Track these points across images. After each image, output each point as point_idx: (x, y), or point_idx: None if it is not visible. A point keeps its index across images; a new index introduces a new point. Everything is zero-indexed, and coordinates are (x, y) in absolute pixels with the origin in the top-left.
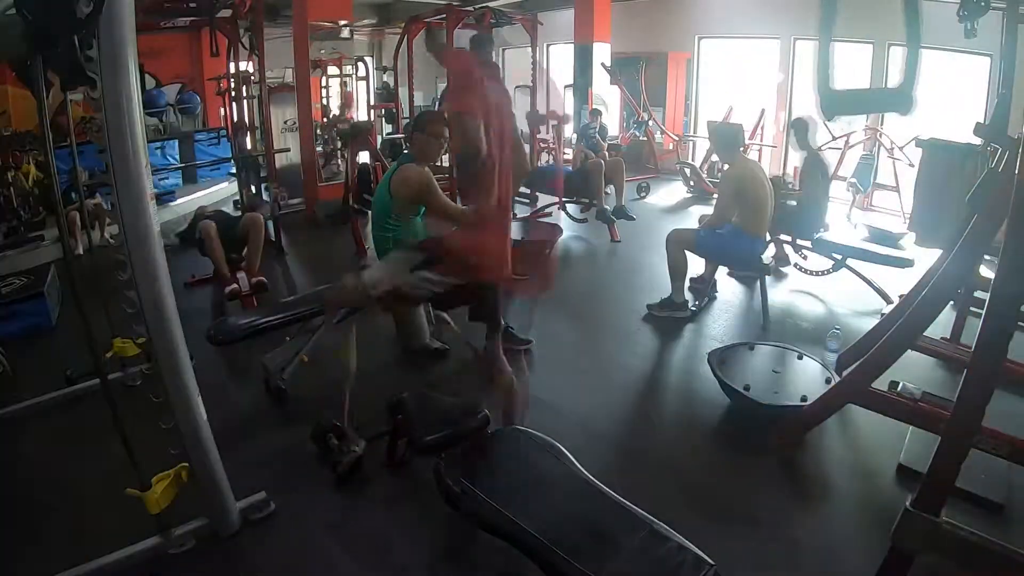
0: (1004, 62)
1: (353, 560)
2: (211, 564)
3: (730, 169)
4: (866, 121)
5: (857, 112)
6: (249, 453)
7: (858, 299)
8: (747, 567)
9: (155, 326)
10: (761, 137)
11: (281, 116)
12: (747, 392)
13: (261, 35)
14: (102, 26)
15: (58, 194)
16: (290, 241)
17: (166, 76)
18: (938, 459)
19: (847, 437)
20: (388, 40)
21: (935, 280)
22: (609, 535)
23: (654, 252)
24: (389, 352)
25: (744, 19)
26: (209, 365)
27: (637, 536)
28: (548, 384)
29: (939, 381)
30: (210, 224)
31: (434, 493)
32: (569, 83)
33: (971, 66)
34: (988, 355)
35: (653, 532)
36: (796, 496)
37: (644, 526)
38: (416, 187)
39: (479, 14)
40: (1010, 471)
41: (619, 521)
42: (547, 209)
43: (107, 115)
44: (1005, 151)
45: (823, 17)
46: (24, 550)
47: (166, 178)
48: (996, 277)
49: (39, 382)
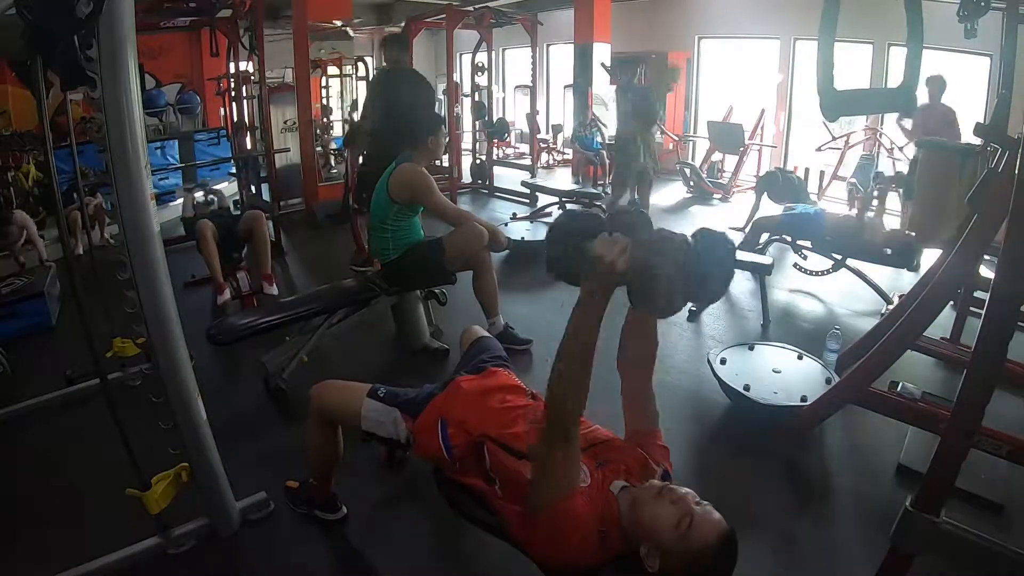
0: (1004, 62)
1: (353, 560)
2: (211, 564)
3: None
4: (866, 121)
5: (858, 112)
6: (249, 453)
7: (858, 299)
8: (746, 567)
9: (155, 326)
10: (761, 137)
11: (281, 116)
12: (747, 392)
13: (261, 35)
14: (102, 26)
15: (58, 194)
16: (290, 241)
17: (166, 76)
18: (938, 459)
19: (847, 437)
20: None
21: (935, 280)
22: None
23: None
24: (389, 352)
25: (744, 19)
26: (209, 365)
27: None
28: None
29: (939, 381)
30: (207, 224)
31: (434, 492)
32: (569, 83)
33: (971, 66)
34: (988, 355)
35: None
36: (796, 496)
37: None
38: (413, 186)
39: (479, 14)
40: (1010, 471)
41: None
42: (547, 209)
43: (107, 115)
44: (1005, 151)
45: (824, 17)
46: (24, 550)
47: (166, 178)
48: (996, 277)
49: (39, 382)
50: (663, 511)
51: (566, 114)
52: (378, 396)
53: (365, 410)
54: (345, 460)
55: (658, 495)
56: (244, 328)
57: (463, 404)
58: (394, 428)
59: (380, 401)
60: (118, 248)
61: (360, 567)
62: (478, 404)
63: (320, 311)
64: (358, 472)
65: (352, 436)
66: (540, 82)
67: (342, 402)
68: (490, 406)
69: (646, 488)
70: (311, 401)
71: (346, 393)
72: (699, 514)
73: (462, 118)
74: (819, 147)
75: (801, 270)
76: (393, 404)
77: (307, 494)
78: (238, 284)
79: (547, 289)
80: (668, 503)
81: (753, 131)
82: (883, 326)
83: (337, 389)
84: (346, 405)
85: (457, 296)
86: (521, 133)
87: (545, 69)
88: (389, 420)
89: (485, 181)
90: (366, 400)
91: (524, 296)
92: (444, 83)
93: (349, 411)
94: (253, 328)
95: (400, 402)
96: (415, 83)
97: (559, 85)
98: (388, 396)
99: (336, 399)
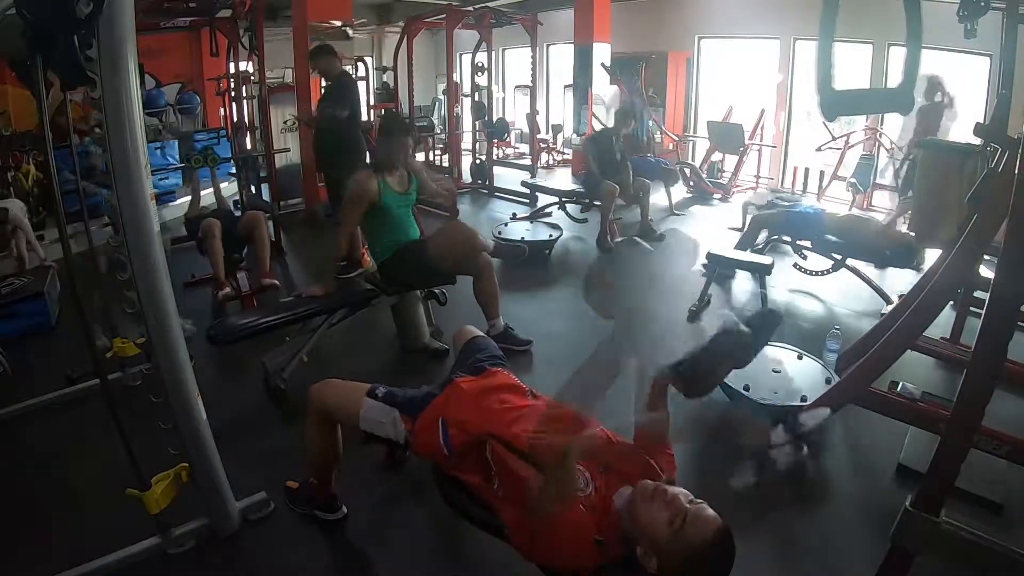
0: (1004, 62)
1: (353, 560)
2: (211, 564)
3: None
4: (866, 121)
5: (858, 112)
6: (249, 453)
7: (858, 299)
8: (746, 567)
9: (155, 326)
10: (761, 137)
11: (281, 116)
12: (747, 392)
13: (261, 35)
14: (102, 26)
15: (58, 194)
16: (290, 241)
17: (166, 76)
18: (938, 459)
19: (847, 437)
20: (388, 40)
21: (935, 280)
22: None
23: (653, 252)
24: (389, 352)
25: (744, 19)
26: (209, 365)
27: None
28: (548, 384)
29: (939, 381)
30: (214, 222)
31: (434, 492)
32: (569, 83)
33: (971, 66)
34: (988, 355)
35: None
36: (796, 496)
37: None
38: (346, 194)
39: (479, 14)
40: (1010, 471)
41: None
42: (547, 209)
43: (107, 115)
44: (1005, 151)
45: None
46: (24, 550)
47: (166, 178)
48: (996, 277)
49: (39, 382)
50: (657, 511)
51: (566, 114)
52: (377, 396)
53: (364, 410)
54: (345, 460)
55: (651, 496)
56: (244, 328)
57: (463, 404)
58: (393, 428)
59: (379, 401)
60: (118, 248)
61: (360, 567)
62: (478, 404)
63: (320, 311)
64: (358, 472)
65: (352, 436)
66: (540, 82)
67: (341, 402)
68: (490, 406)
69: (639, 489)
70: (310, 401)
71: (345, 393)
72: (692, 512)
73: (462, 118)
74: (819, 147)
75: (801, 270)
76: (392, 404)
77: (307, 494)
78: (238, 284)
79: (547, 290)
80: (661, 503)
81: (753, 131)
82: (883, 326)
83: (336, 389)
84: (345, 405)
85: (457, 296)
86: (521, 133)
87: (545, 69)
88: (388, 420)
89: (485, 181)
90: (365, 400)
91: (524, 297)
92: (444, 83)
93: (348, 411)
94: (253, 328)
95: (399, 402)
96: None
97: (559, 85)
98: (387, 396)
99: (335, 399)
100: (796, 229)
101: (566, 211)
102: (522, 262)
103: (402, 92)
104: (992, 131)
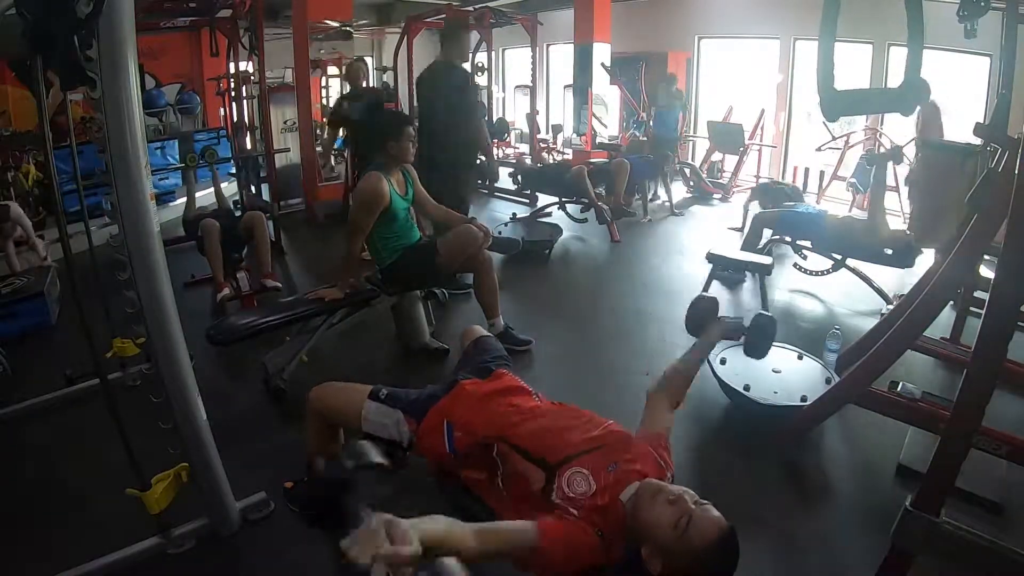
0: (1004, 62)
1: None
2: (211, 564)
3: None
4: (866, 121)
5: (859, 112)
6: (249, 453)
7: (858, 299)
8: (746, 567)
9: (155, 326)
10: (761, 137)
11: (281, 116)
12: (747, 392)
13: (261, 35)
14: (102, 26)
15: (58, 194)
16: (290, 241)
17: (166, 76)
18: (938, 459)
19: (847, 437)
20: (388, 40)
21: (935, 280)
22: None
23: (653, 253)
24: (389, 352)
25: (744, 19)
26: (209, 365)
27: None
28: (547, 384)
29: (939, 381)
30: (213, 223)
31: (434, 492)
32: (569, 83)
33: (971, 66)
34: (988, 355)
35: None
36: (796, 496)
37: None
38: (358, 199)
39: (479, 14)
40: (1009, 471)
41: None
42: (547, 209)
43: (107, 115)
44: (1005, 151)
45: (824, 17)
46: (24, 550)
47: (166, 178)
48: (996, 277)
49: (39, 382)
50: (661, 511)
51: (566, 114)
52: (379, 398)
53: (366, 412)
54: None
55: (655, 495)
56: (244, 328)
57: (469, 407)
58: (396, 430)
59: (382, 403)
60: (118, 248)
61: (360, 567)
62: (484, 407)
63: (320, 311)
64: (358, 472)
65: (351, 436)
66: (540, 82)
67: (342, 404)
68: (496, 409)
69: (643, 489)
70: (310, 403)
71: (346, 395)
72: (697, 513)
73: None
74: (819, 147)
75: (801, 270)
76: (395, 406)
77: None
78: (238, 284)
79: (547, 290)
80: (666, 503)
81: (753, 131)
82: (883, 326)
83: (337, 391)
84: (346, 407)
85: (457, 296)
86: (521, 133)
87: (545, 69)
88: (391, 422)
89: (485, 181)
90: (367, 402)
91: (524, 297)
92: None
93: (350, 413)
94: (253, 328)
95: (403, 404)
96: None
97: (559, 85)
98: (390, 398)
99: (336, 401)
100: (796, 229)
101: (566, 211)
102: (521, 262)
103: (402, 92)
104: (992, 131)
